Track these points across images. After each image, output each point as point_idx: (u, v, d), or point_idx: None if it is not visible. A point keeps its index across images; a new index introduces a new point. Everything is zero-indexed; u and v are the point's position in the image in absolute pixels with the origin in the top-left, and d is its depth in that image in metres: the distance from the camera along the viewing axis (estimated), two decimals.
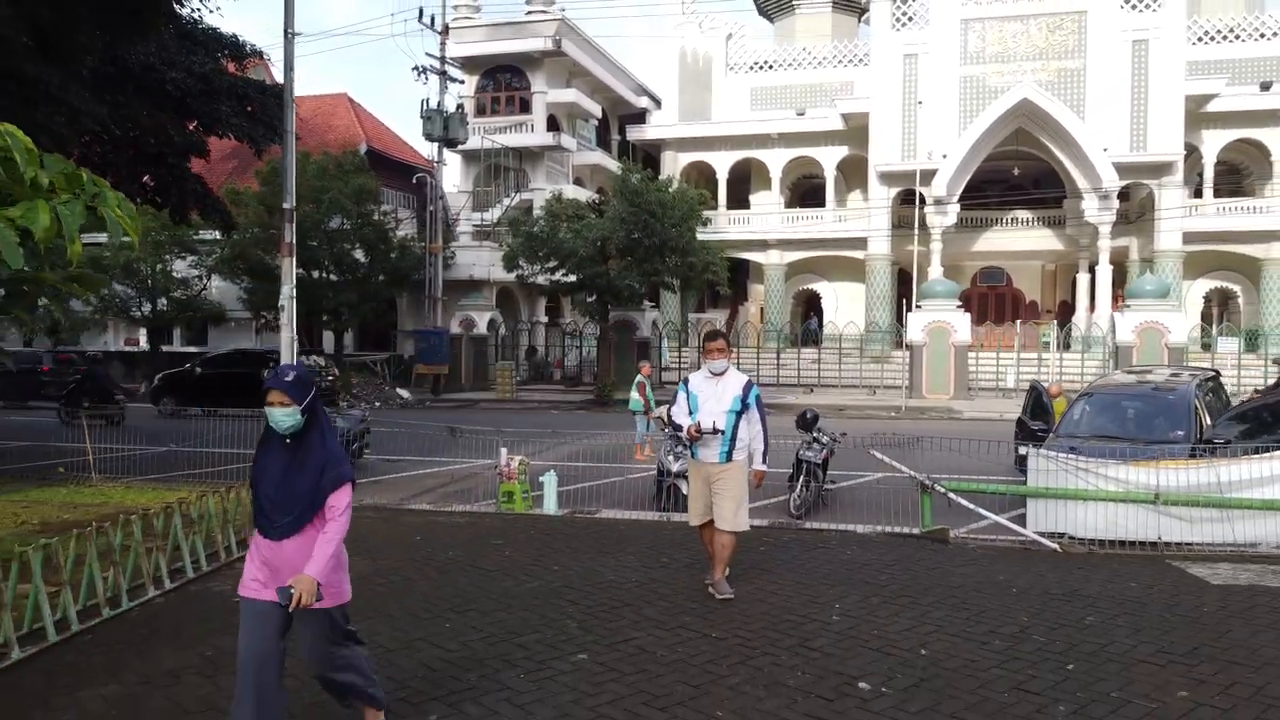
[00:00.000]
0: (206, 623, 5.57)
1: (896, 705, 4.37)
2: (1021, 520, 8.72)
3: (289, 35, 11.73)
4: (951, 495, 8.81)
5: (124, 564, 6.07)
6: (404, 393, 27.77)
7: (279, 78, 16.40)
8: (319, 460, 3.71)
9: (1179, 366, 15.29)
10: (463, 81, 32.67)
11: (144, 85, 14.41)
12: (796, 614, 5.82)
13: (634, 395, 15.92)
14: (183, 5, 11.84)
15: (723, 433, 6.05)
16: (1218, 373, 12.54)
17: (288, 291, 10.68)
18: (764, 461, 6.28)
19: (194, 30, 15.67)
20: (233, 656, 3.71)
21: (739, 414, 6.06)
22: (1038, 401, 12.00)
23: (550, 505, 10.05)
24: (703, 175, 39.96)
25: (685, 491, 7.88)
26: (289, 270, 10.64)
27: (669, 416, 6.84)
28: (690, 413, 6.20)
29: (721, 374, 6.19)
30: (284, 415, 3.68)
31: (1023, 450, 9.54)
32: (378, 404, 24.79)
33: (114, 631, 5.49)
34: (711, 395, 6.13)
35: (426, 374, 29.74)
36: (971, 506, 8.65)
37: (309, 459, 3.71)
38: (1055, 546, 8.23)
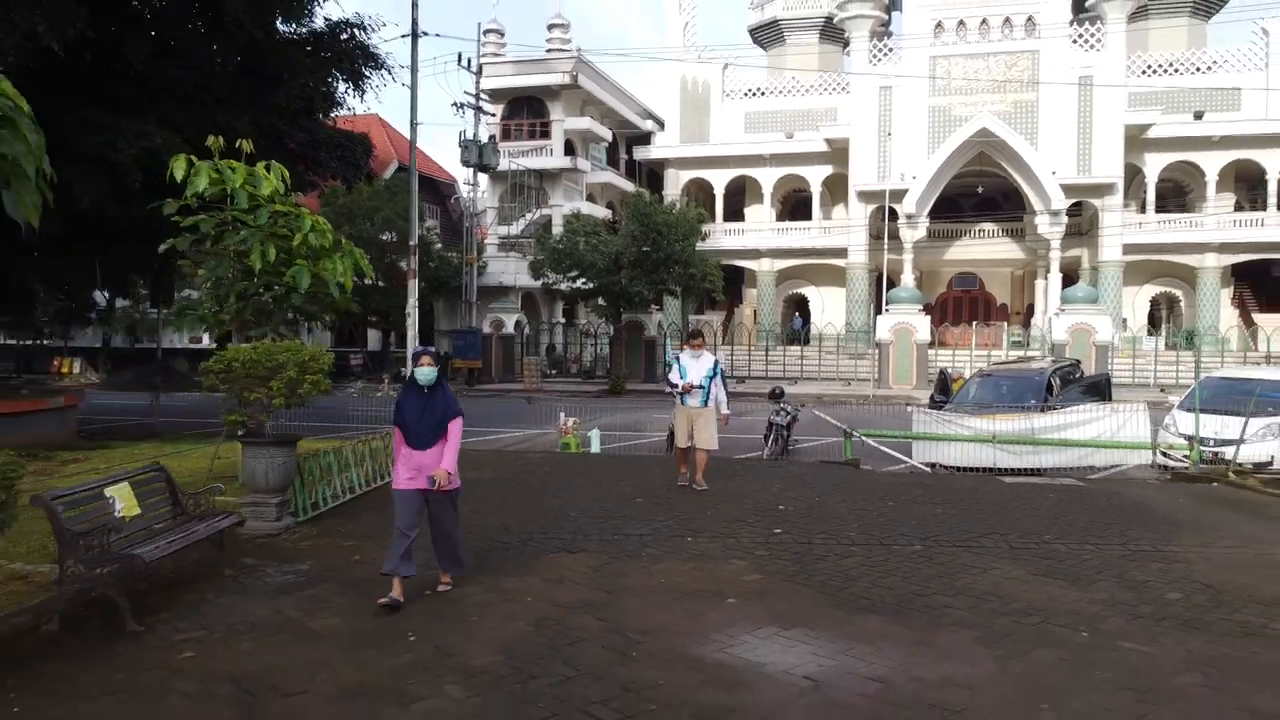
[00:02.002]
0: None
1: (793, 513, 8.96)
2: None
3: (414, 125, 16.25)
4: (864, 438, 13.43)
5: (349, 472, 10.58)
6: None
7: None
8: (443, 404, 6.12)
9: (1062, 358, 19.87)
10: (493, 115, 37.19)
11: (270, 140, 18.99)
12: (750, 491, 10.37)
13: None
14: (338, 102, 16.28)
15: (703, 388, 10.54)
16: (1079, 361, 17.17)
17: (413, 304, 15.21)
18: (727, 408, 10.70)
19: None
20: None
21: (711, 378, 10.55)
22: (943, 382, 16.59)
23: (596, 449, 14.65)
24: (702, 190, 44.58)
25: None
26: (414, 289, 15.15)
27: (667, 380, 11.31)
28: (680, 375, 10.66)
29: (699, 356, 10.69)
30: (430, 370, 6.15)
31: (909, 409, 14.13)
32: None
33: (370, 497, 10.04)
34: (695, 367, 10.60)
35: (461, 368, 34.30)
36: (875, 444, 13.24)
37: (437, 402, 6.11)
38: (929, 470, 12.84)
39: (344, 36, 14.67)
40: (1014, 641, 5.30)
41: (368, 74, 15.06)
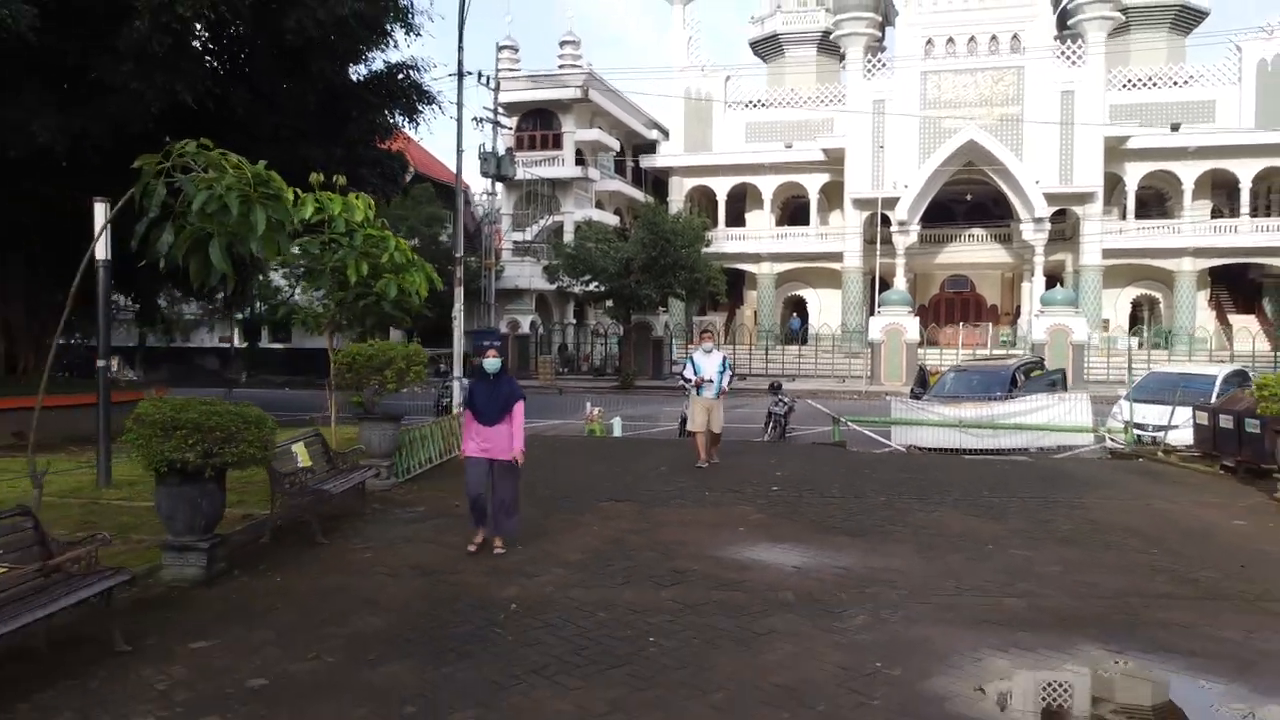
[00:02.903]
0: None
1: (788, 478, 11.21)
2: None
3: (459, 152, 18.52)
4: (851, 424, 15.68)
5: (429, 443, 12.81)
6: (464, 380, 34.60)
7: None
8: (506, 389, 7.45)
9: (1029, 355, 22.14)
10: (509, 127, 39.48)
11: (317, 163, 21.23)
12: (754, 464, 12.62)
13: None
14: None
15: (715, 381, 12.75)
16: (1042, 360, 19.41)
17: (458, 308, 17.47)
18: (725, 390, 12.80)
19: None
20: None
21: (721, 373, 12.75)
22: (922, 377, 18.84)
23: (618, 434, 16.91)
24: (705, 197, 46.83)
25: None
26: (459, 295, 17.40)
27: (682, 375, 13.50)
28: (695, 372, 12.84)
29: (710, 352, 12.88)
30: (495, 361, 7.48)
31: (887, 398, 16.38)
32: (447, 386, 31.65)
33: (446, 466, 12.29)
34: (707, 363, 12.75)
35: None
36: (860, 430, 15.48)
37: (501, 388, 7.44)
38: (905, 450, 15.08)
39: (400, 76, 16.91)
40: (938, 551, 7.56)
41: (420, 108, 17.32)
